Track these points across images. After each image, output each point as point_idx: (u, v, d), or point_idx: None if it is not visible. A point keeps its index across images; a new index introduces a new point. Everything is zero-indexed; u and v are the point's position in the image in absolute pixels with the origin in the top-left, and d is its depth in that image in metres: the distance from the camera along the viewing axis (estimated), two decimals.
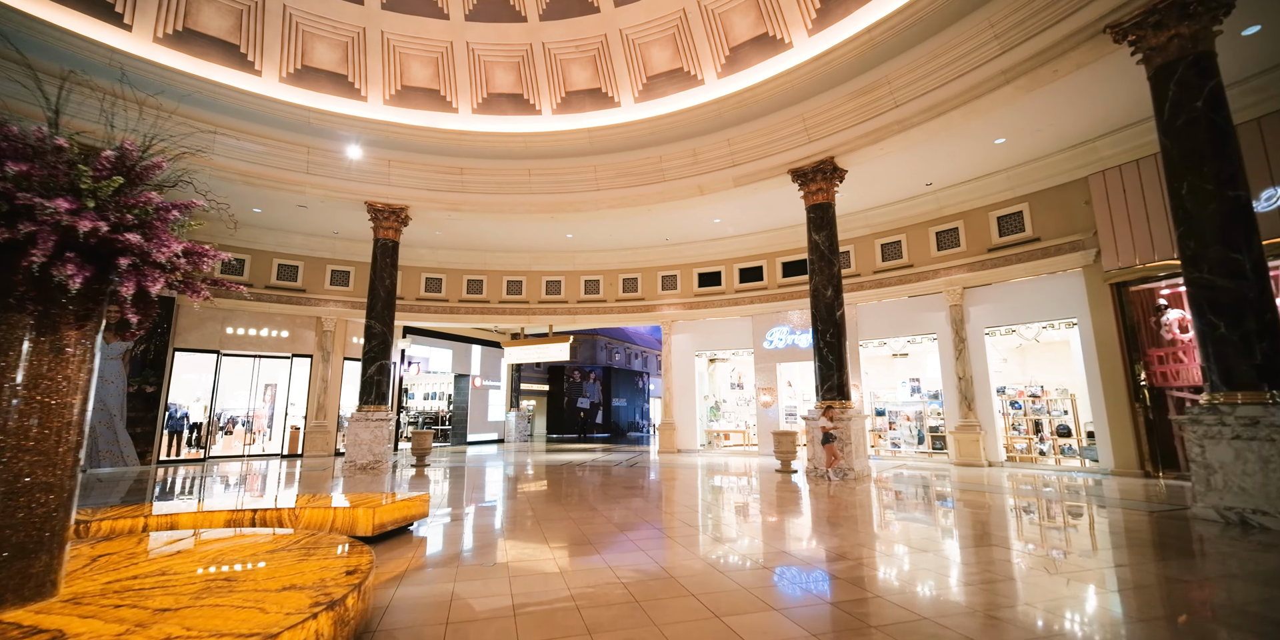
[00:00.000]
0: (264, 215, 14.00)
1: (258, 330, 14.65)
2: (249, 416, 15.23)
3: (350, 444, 11.70)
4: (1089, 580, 3.79)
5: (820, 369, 10.18)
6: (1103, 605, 3.35)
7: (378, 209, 12.72)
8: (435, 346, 18.90)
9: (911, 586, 3.64)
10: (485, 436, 20.72)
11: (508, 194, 13.28)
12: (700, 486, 9.17)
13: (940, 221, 12.65)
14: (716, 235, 15.61)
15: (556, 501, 7.38)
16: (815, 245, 10.59)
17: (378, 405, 12.06)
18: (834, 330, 10.17)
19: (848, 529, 5.54)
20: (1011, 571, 3.99)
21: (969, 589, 3.56)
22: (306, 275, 15.41)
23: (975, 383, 11.83)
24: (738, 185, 11.89)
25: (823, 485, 8.83)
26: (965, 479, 9.66)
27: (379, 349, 12.27)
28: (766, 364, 15.03)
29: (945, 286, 12.35)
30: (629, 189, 12.89)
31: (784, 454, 10.60)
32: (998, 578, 3.81)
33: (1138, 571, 3.97)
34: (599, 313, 16.97)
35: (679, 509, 6.81)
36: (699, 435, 15.91)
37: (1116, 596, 3.47)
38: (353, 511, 4.81)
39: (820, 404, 10.05)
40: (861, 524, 5.88)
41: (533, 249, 16.85)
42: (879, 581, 3.78)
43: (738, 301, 15.64)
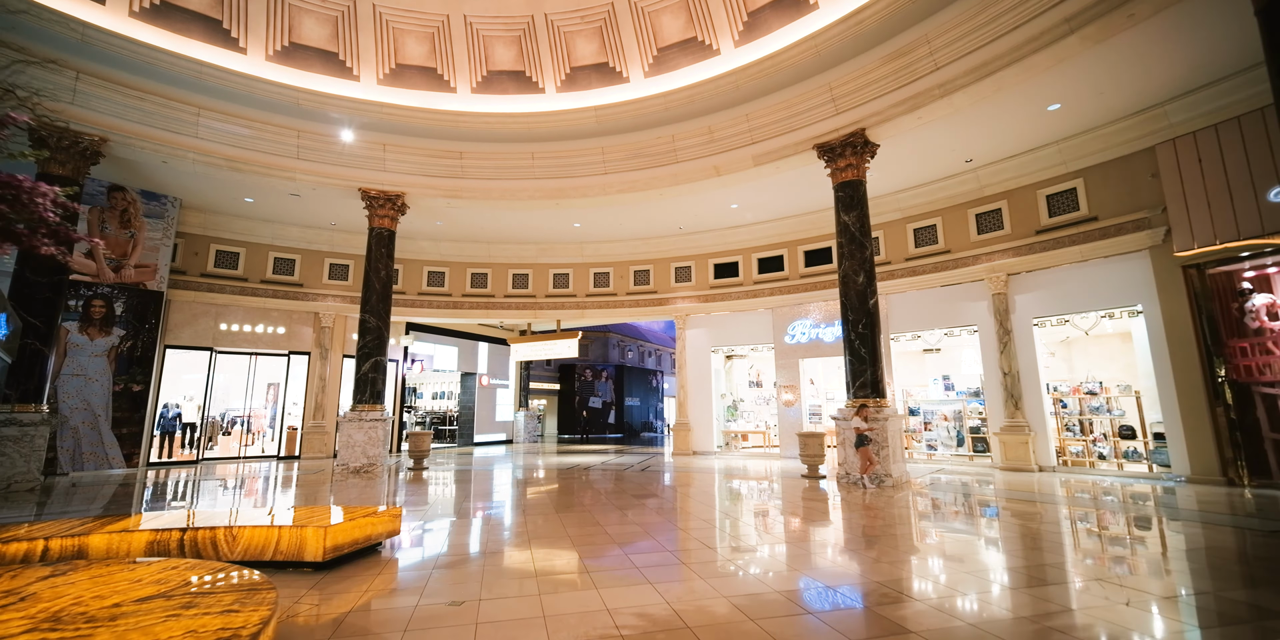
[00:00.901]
0: (257, 206, 13.37)
1: (253, 326, 14.03)
2: (246, 416, 14.64)
3: (343, 446, 10.97)
4: (1177, 613, 2.80)
5: (851, 364, 9.18)
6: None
7: (372, 196, 11.99)
8: (440, 344, 18.19)
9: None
10: (493, 437, 19.99)
11: (510, 179, 12.46)
12: (719, 495, 8.23)
13: (981, 202, 11.53)
14: (733, 223, 14.64)
15: (557, 513, 6.50)
16: (844, 227, 9.58)
17: (372, 404, 11.32)
18: (867, 320, 9.16)
19: (895, 553, 4.57)
20: (1112, 615, 3.01)
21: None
22: (303, 269, 14.77)
23: (1022, 379, 10.70)
24: (758, 164, 10.91)
25: (856, 493, 7.84)
26: (1015, 486, 8.59)
27: (374, 345, 11.54)
28: (788, 360, 14.02)
29: (987, 273, 11.23)
30: (639, 171, 11.98)
31: (811, 458, 9.62)
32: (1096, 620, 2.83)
33: (1223, 601, 2.98)
34: (609, 307, 16.09)
35: (695, 524, 5.89)
36: (716, 436, 14.95)
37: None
38: (299, 533, 3.97)
39: (852, 403, 9.05)
40: (909, 545, 4.90)
41: (539, 240, 16.03)
42: (950, 632, 2.82)
43: (756, 293, 14.64)
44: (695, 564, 4.24)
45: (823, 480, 9.41)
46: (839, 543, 5.08)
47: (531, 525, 5.82)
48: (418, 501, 7.63)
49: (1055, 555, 4.52)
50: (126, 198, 11.95)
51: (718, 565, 4.22)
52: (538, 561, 4.33)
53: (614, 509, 6.70)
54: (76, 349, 11.09)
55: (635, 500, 7.41)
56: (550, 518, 6.21)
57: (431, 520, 6.22)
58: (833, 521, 6.07)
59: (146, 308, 11.99)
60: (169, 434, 12.92)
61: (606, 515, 6.29)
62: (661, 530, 5.49)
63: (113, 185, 11.80)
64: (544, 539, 5.10)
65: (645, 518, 6.16)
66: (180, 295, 13.17)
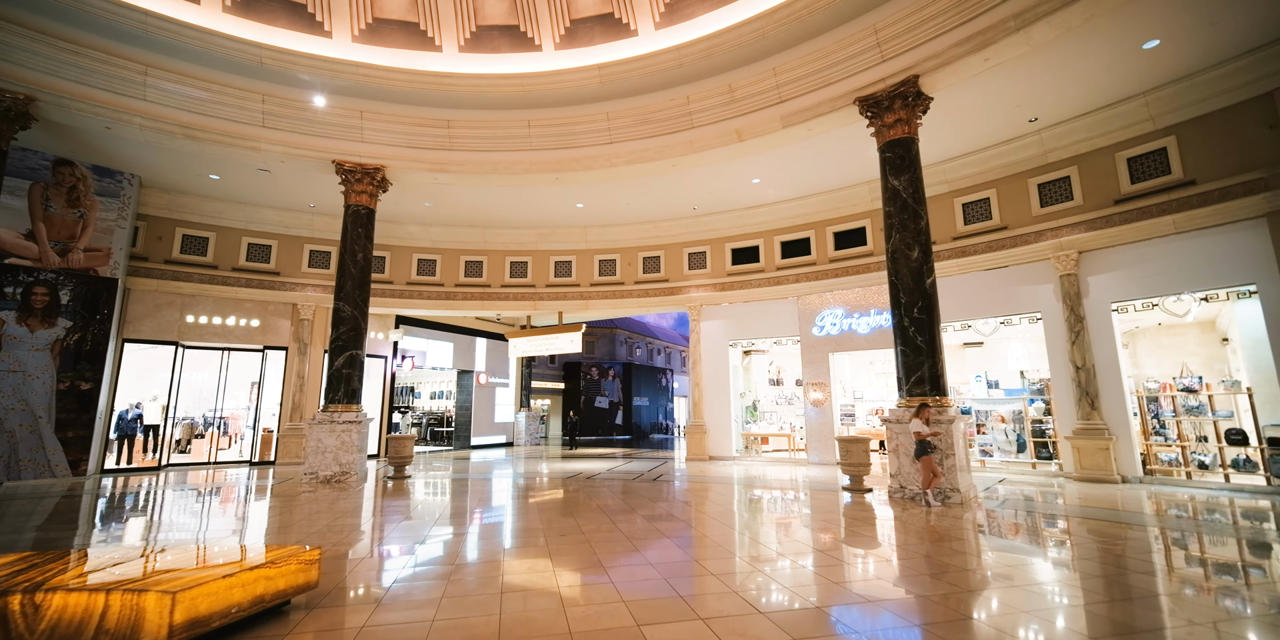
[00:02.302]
0: (227, 185, 12.06)
1: (224, 319, 12.73)
2: (217, 417, 13.35)
3: (312, 451, 9.61)
4: None
5: (904, 356, 7.69)
6: None
7: (348, 170, 10.63)
8: (433, 339, 16.85)
9: None
10: (492, 439, 18.62)
11: (504, 151, 11.06)
12: (749, 517, 6.77)
13: (1045, 170, 9.98)
14: (753, 202, 13.15)
15: (549, 543, 5.07)
16: (894, 193, 8.08)
17: (347, 404, 9.96)
18: (923, 303, 7.66)
19: (1028, 617, 3.08)
20: None
21: None
22: (281, 256, 13.46)
23: (1099, 373, 9.15)
24: (787, 126, 9.43)
25: (917, 513, 6.34)
26: (1106, 502, 7.06)
27: (349, 337, 10.18)
28: (816, 354, 12.52)
29: (1053, 252, 9.69)
30: (650, 139, 10.54)
31: (854, 467, 8.13)
32: None
33: None
34: (615, 297, 14.66)
35: (729, 566, 4.44)
36: (734, 439, 13.47)
37: None
38: (136, 602, 2.56)
39: (906, 402, 7.55)
40: (1037, 600, 3.41)
41: (539, 224, 14.63)
42: None
43: (780, 280, 13.15)
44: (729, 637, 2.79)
45: (869, 494, 7.93)
46: (935, 597, 3.59)
47: (510, 564, 4.39)
48: (382, 523, 6.23)
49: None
50: (75, 173, 10.68)
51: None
52: (512, 631, 2.90)
53: (621, 538, 5.26)
54: (14, 342, 9.81)
55: (647, 524, 5.96)
56: (539, 550, 4.78)
57: (391, 553, 4.81)
58: (909, 559, 4.58)
59: (98, 296, 10.71)
60: (128, 438, 11.64)
61: (611, 548, 4.85)
62: (683, 576, 4.04)
63: (59, 159, 10.53)
64: (519, 595, 3.67)
65: (661, 553, 4.71)
66: (141, 284, 11.89)
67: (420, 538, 5.41)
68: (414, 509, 7.17)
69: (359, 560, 4.53)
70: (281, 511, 7.06)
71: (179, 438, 14.01)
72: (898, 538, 5.28)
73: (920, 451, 6.80)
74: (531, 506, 7.40)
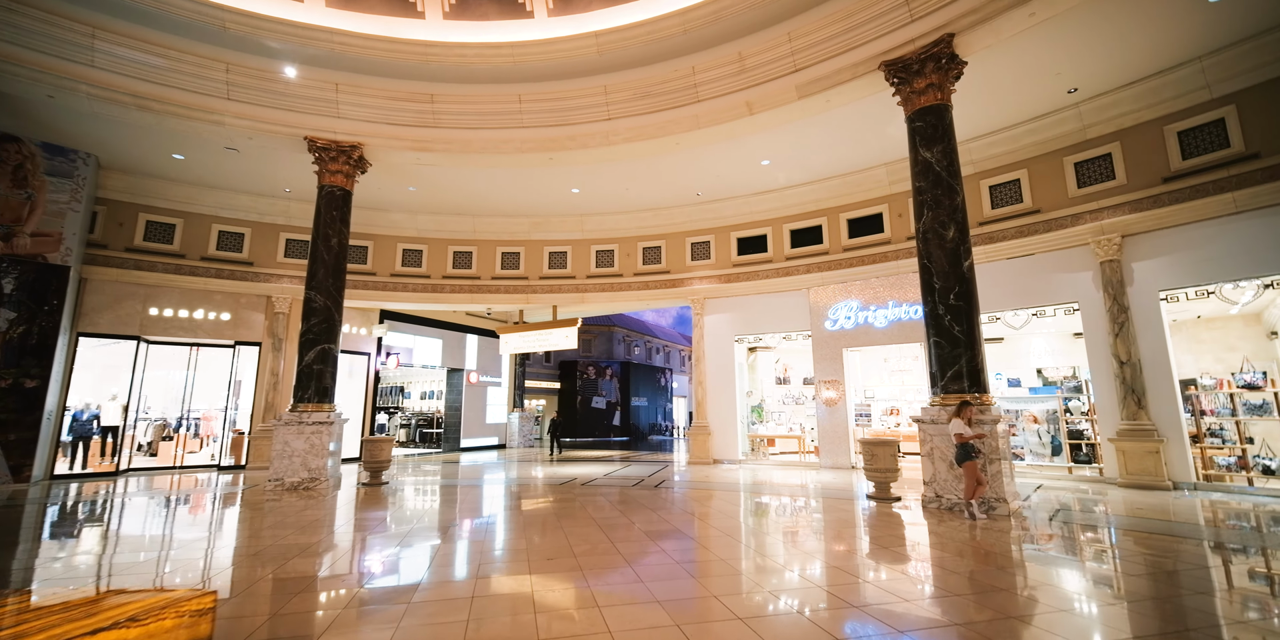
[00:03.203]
0: (194, 167, 11.14)
1: (191, 311, 11.81)
2: (186, 418, 12.41)
3: (278, 455, 8.71)
4: None
5: (938, 348, 6.83)
6: None
7: (321, 147, 9.73)
8: (421, 335, 15.94)
9: None
10: (483, 441, 17.71)
11: (492, 128, 10.18)
12: (763, 532, 5.90)
13: (1083, 147, 9.14)
14: (762, 187, 12.30)
15: (529, 570, 4.20)
16: (925, 167, 7.22)
17: (318, 404, 9.06)
18: (961, 289, 6.80)
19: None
20: None
21: None
22: (254, 245, 12.55)
23: (1146, 369, 8.31)
24: (803, 97, 8.58)
25: (959, 526, 5.48)
26: (1160, 511, 6.22)
27: (321, 330, 9.28)
28: (829, 350, 11.66)
29: (1093, 236, 8.85)
30: (651, 115, 9.67)
31: (880, 474, 7.26)
32: None
33: None
34: (613, 290, 13.78)
35: (740, 600, 3.57)
36: (740, 442, 12.60)
37: None
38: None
39: (941, 399, 6.70)
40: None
41: (532, 212, 13.75)
42: None
43: (789, 271, 12.30)
44: None
45: (896, 503, 7.07)
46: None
47: (489, 607, 3.50)
48: (338, 543, 5.34)
49: None
50: (21, 151, 9.76)
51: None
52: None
53: (619, 562, 4.38)
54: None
55: (649, 543, 5.08)
56: (520, 581, 3.90)
57: (336, 587, 3.92)
58: (970, 589, 3.70)
59: (46, 286, 9.78)
60: (84, 440, 10.70)
61: (608, 577, 3.97)
62: (698, 619, 3.16)
63: (3, 134, 9.61)
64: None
65: (669, 585, 3.83)
66: (99, 273, 10.96)
67: (380, 563, 4.52)
68: (381, 523, 6.28)
69: (291, 597, 3.64)
70: (229, 526, 6.16)
71: (148, 440, 13.12)
72: (949, 560, 4.41)
73: (962, 456, 5.94)
74: (518, 520, 6.52)
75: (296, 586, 3.84)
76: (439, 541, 5.27)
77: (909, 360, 12.78)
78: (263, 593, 3.71)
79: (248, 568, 4.32)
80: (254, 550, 4.89)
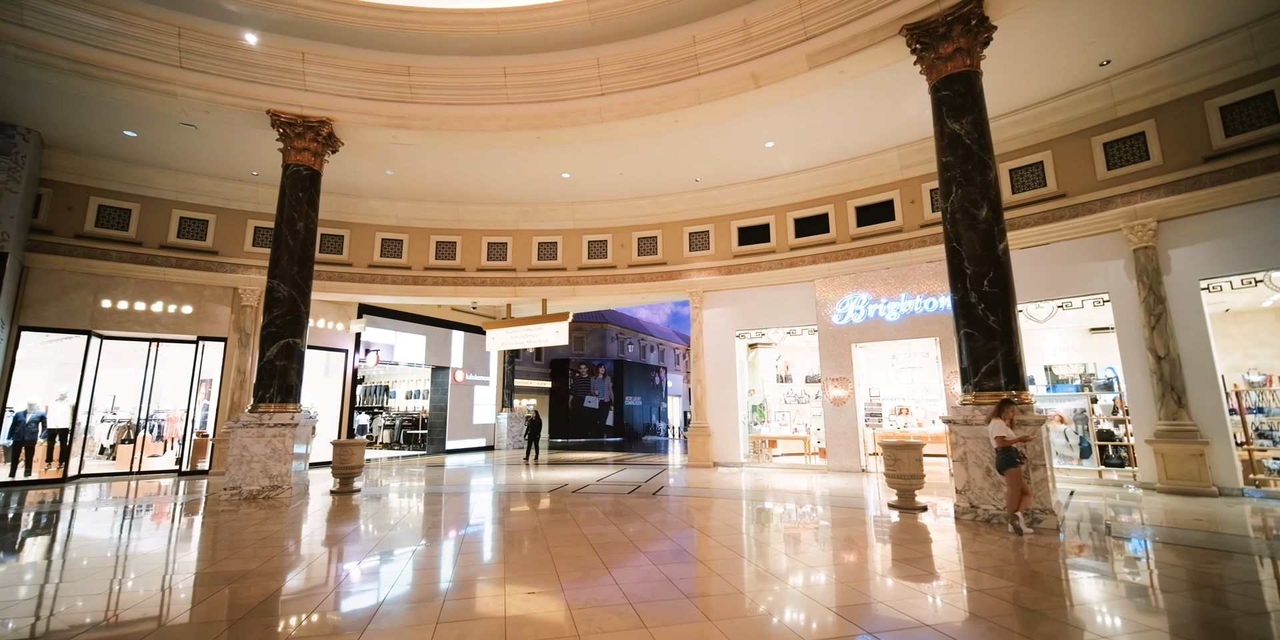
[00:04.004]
0: (147, 145, 10.23)
1: (149, 304, 10.90)
2: (147, 419, 11.49)
3: (235, 461, 7.86)
4: None
5: (971, 340, 6.12)
6: None
7: (286, 122, 8.88)
8: (403, 331, 15.08)
9: None
10: (470, 443, 16.87)
11: (475, 104, 9.37)
12: (782, 552, 5.16)
13: (1114, 126, 8.48)
14: (765, 173, 11.57)
15: (503, 615, 3.42)
16: (954, 140, 6.51)
17: (281, 404, 8.23)
18: (995, 274, 6.10)
19: None
20: None
21: None
22: (219, 233, 11.65)
23: (1186, 364, 7.66)
24: (814, 67, 7.85)
25: (1002, 543, 4.77)
26: (1221, 522, 5.54)
27: (285, 322, 8.44)
28: (837, 346, 10.95)
29: (1125, 221, 8.20)
30: (648, 89, 8.91)
31: (904, 480, 6.54)
32: None
33: None
34: (606, 283, 13.01)
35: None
36: (742, 443, 11.87)
37: None
38: None
39: (973, 398, 5.99)
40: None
41: (520, 199, 12.94)
42: None
43: (794, 262, 11.58)
44: None
45: (922, 513, 6.36)
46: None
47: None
48: (285, 567, 4.53)
49: None
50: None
51: None
52: None
53: (616, 597, 3.62)
54: None
55: (651, 569, 4.33)
56: (490, 626, 3.12)
57: (264, 622, 3.12)
58: (1066, 633, 2.96)
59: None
60: (26, 444, 9.78)
61: (602, 619, 3.20)
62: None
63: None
64: None
65: (681, 631, 3.07)
66: (44, 261, 10.04)
67: (330, 596, 3.73)
68: (342, 541, 5.47)
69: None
70: (164, 545, 5.33)
71: (110, 443, 12.19)
72: (1003, 587, 3.68)
73: (1004, 462, 5.22)
74: (499, 537, 5.74)
75: (212, 634, 3.04)
76: (405, 565, 4.48)
77: (919, 357, 12.11)
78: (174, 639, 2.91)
79: (166, 602, 3.52)
80: (184, 577, 4.08)
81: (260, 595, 3.70)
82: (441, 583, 4.02)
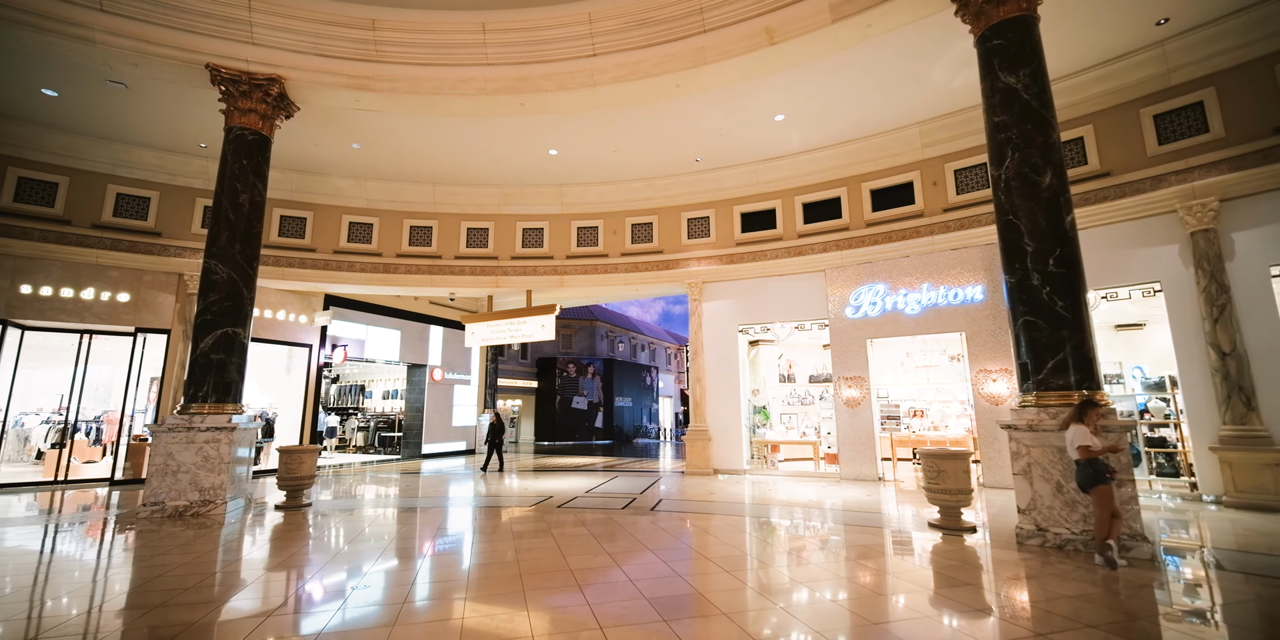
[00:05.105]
0: (72, 107, 8.95)
1: (78, 290, 9.62)
2: (76, 421, 10.19)
3: (158, 472, 6.69)
4: None
5: (1032, 330, 5.15)
6: None
7: (228, 78, 7.69)
8: (375, 325, 13.87)
9: None
10: (448, 446, 15.68)
11: (450, 64, 8.25)
12: (835, 599, 4.13)
13: (1166, 95, 7.60)
14: (772, 152, 10.57)
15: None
16: (1008, 96, 5.55)
17: (218, 404, 7.04)
18: (1063, 252, 5.14)
19: None
20: None
21: None
22: (162, 211, 10.39)
23: (1256, 361, 6.77)
24: (837, 19, 6.85)
25: (1090, 579, 3.79)
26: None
27: (225, 309, 7.26)
28: (851, 341, 9.98)
29: (1180, 200, 7.31)
30: (646, 49, 7.86)
31: (949, 496, 5.56)
32: None
33: None
34: (597, 272, 11.93)
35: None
36: (745, 448, 10.86)
37: None
38: None
39: (1036, 398, 5.02)
40: None
41: (503, 181, 11.82)
42: None
43: (802, 250, 10.60)
44: None
45: (970, 535, 5.38)
46: None
47: None
48: (173, 622, 3.40)
49: None
50: None
51: None
52: None
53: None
54: None
55: (663, 628, 3.26)
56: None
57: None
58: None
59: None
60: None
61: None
62: None
63: None
64: None
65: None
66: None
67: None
68: (257, 580, 4.34)
69: None
70: (33, 579, 4.16)
71: (47, 447, 10.85)
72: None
73: (1090, 478, 4.24)
74: (461, 576, 4.64)
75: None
76: (331, 620, 3.37)
77: (935, 354, 11.19)
78: None
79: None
80: (16, 626, 2.94)
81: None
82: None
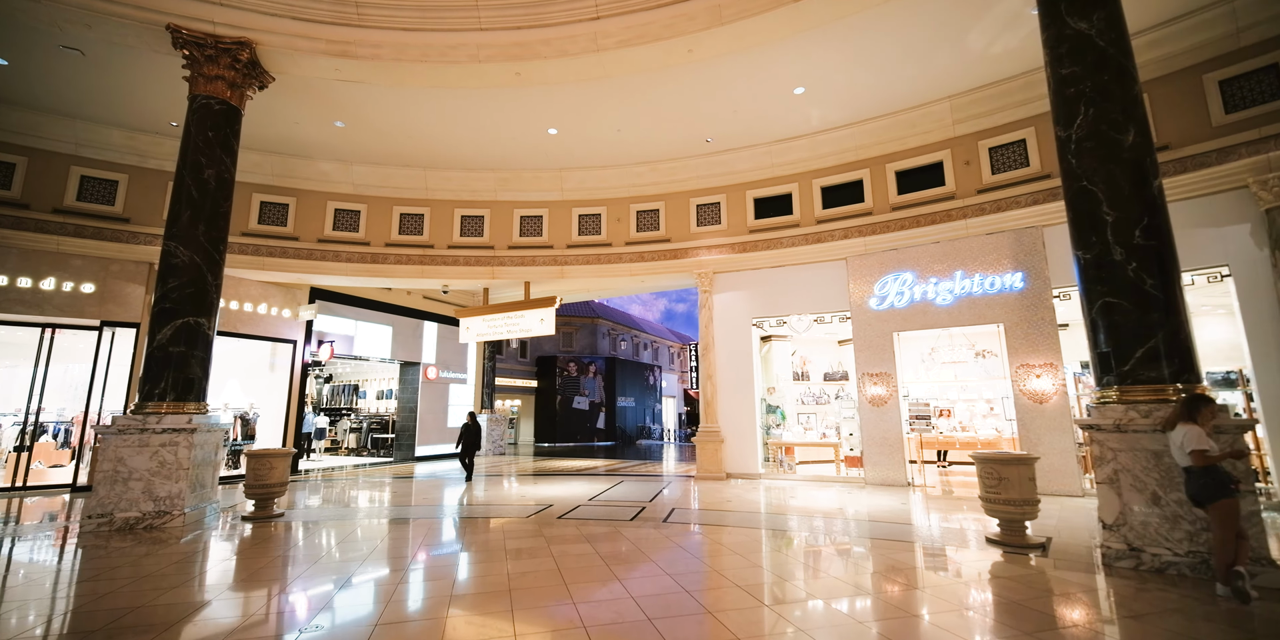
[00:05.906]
0: (26, 78, 8.20)
1: (36, 280, 8.87)
2: (36, 422, 9.44)
3: (106, 479, 5.93)
4: None
5: (1115, 313, 4.39)
6: None
7: (192, 40, 6.94)
8: (364, 320, 13.12)
9: None
10: (443, 449, 14.91)
11: (439, 29, 7.51)
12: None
13: (1233, 59, 6.85)
14: (788, 132, 9.82)
15: None
16: (1080, 44, 4.79)
17: (177, 402, 6.29)
18: (1151, 221, 4.39)
19: None
20: None
21: None
22: (132, 196, 9.64)
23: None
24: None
25: (1209, 613, 3.02)
26: None
27: (185, 297, 6.51)
28: (875, 335, 9.22)
29: (1253, 174, 6.56)
30: (654, 10, 7.11)
31: (1012, 508, 4.79)
32: None
33: None
34: (600, 262, 11.17)
35: None
36: (759, 450, 10.09)
37: None
38: None
39: (1119, 393, 4.26)
40: None
41: (499, 165, 11.06)
42: None
43: (821, 237, 9.85)
44: None
45: (1035, 553, 4.62)
46: None
47: None
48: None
49: None
50: None
51: None
52: None
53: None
54: None
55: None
56: None
57: None
58: None
59: None
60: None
61: None
62: None
63: None
64: None
65: None
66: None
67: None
68: (204, 605, 3.57)
69: None
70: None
71: (15, 448, 10.10)
72: None
73: (1211, 489, 3.47)
74: (442, 614, 3.88)
75: None
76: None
77: (963, 349, 10.41)
78: None
79: None
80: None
81: None
82: None
